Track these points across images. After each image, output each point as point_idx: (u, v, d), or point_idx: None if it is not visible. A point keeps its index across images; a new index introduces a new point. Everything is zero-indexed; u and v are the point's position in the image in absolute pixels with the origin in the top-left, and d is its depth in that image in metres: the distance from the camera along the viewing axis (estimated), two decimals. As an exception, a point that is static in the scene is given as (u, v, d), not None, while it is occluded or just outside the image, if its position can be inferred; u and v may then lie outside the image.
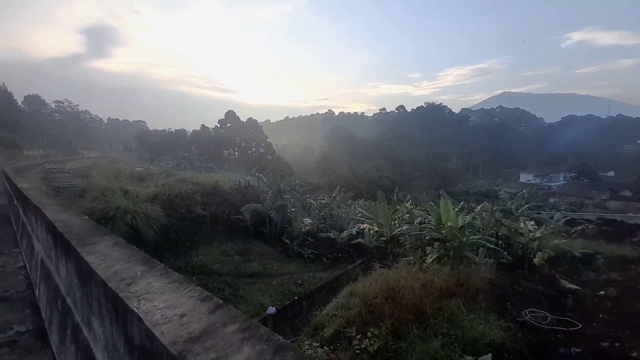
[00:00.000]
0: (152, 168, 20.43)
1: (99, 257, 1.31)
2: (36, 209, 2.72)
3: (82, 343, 1.41)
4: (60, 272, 1.86)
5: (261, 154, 46.62)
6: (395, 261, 9.53)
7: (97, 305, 1.20)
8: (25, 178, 8.67)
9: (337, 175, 49.17)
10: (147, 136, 54.89)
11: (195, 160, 29.86)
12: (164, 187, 14.57)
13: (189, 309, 0.86)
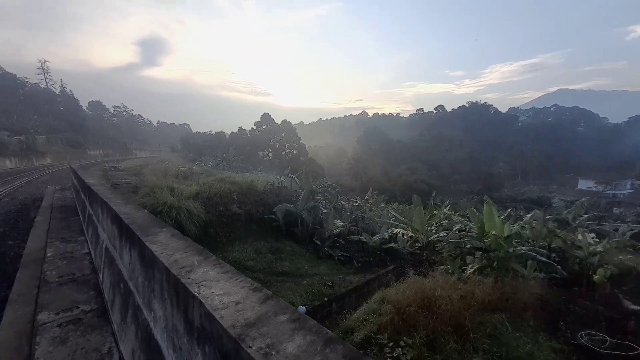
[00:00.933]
0: (194, 168, 22.06)
1: (161, 246, 1.47)
2: (103, 202, 3.12)
3: (142, 323, 1.59)
4: (124, 258, 2.12)
5: (294, 156, 47.69)
6: (431, 269, 9.12)
7: (158, 289, 1.35)
8: (90, 175, 9.92)
9: (369, 177, 48.43)
10: (191, 138, 59.37)
11: (232, 160, 31.57)
12: (205, 186, 15.64)
13: (242, 298, 0.94)
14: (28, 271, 4.28)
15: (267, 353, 0.64)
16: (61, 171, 29.62)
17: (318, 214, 15.48)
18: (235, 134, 53.23)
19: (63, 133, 54.43)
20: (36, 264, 4.51)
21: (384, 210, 19.67)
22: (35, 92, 59.59)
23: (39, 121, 51.86)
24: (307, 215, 14.90)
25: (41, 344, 2.62)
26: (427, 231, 11.54)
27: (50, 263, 4.51)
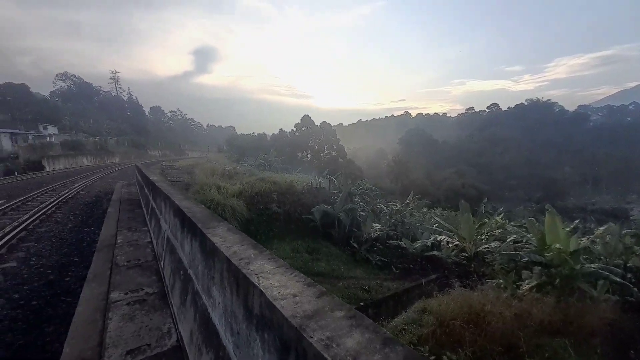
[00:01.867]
0: (238, 167, 23.52)
1: (220, 239, 1.63)
2: (166, 197, 3.52)
3: (201, 308, 1.77)
4: (184, 248, 2.37)
5: (332, 157, 47.95)
6: (480, 282, 8.48)
7: (218, 278, 1.50)
8: (152, 173, 11.17)
9: (411, 180, 46.55)
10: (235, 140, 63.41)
11: (273, 161, 32.93)
12: (247, 185, 16.56)
13: (298, 291, 1.00)
14: (102, 255, 4.98)
15: (327, 345, 0.68)
16: (127, 169, 33.90)
17: (356, 217, 15.35)
18: (276, 136, 55.43)
19: (129, 135, 62.22)
20: (109, 249, 5.22)
21: (426, 215, 18.74)
22: (107, 99, 69.02)
23: (110, 125, 59.90)
24: (345, 217, 14.87)
25: (113, 319, 3.04)
26: (476, 240, 10.71)
27: (120, 249, 5.20)
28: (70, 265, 5.72)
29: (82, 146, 42.66)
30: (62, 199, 12.54)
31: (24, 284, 4.89)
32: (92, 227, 8.37)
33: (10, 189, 16.75)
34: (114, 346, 2.57)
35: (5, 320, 3.84)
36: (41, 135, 41.98)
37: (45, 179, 22.21)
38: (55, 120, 49.07)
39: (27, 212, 10.01)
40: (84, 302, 3.36)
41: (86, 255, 6.22)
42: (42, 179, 21.68)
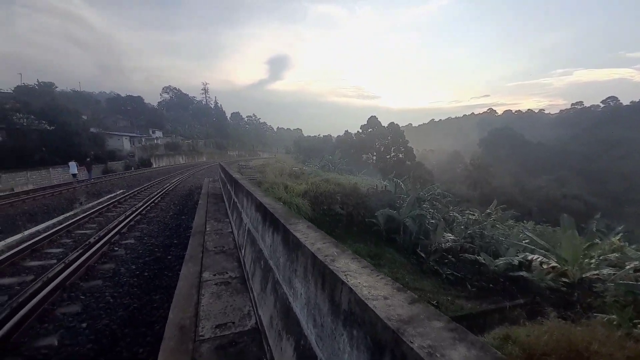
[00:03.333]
0: (304, 168, 24.74)
1: (302, 234, 1.76)
2: (248, 193, 3.96)
3: (281, 296, 1.94)
4: (266, 240, 2.63)
5: (399, 159, 45.96)
6: (585, 315, 6.96)
7: (302, 271, 1.62)
8: (233, 171, 12.66)
9: (493, 187, 41.08)
10: (302, 141, 66.90)
11: (337, 163, 33.50)
12: (312, 186, 17.26)
13: (388, 294, 1.01)
14: (195, 240, 5.86)
15: (431, 353, 0.66)
16: (212, 167, 39.23)
17: (424, 224, 14.39)
18: (341, 138, 56.17)
19: (214, 138, 71.96)
20: (200, 235, 6.12)
21: (513, 229, 16.25)
22: (199, 107, 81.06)
23: (200, 129, 70.16)
24: (412, 223, 14.08)
25: (205, 295, 3.55)
26: (581, 264, 8.79)
27: (209, 236, 6.04)
28: (171, 246, 6.92)
29: (179, 147, 51.37)
30: (164, 190, 15.29)
31: (139, 258, 6.13)
32: (186, 215, 9.95)
33: (129, 180, 21.33)
34: (206, 319, 3.01)
35: (126, 286, 4.88)
36: (150, 138, 52.13)
37: (153, 173, 27.52)
38: (160, 126, 60.16)
39: (141, 200, 12.52)
40: (183, 278, 4.02)
41: (182, 238, 7.43)
42: (150, 174, 26.94)
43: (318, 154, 46.73)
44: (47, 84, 52.35)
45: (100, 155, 31.31)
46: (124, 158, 34.69)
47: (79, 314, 3.95)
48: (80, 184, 18.01)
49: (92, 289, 4.65)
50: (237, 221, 5.47)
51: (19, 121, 26.89)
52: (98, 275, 5.17)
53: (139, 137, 48.37)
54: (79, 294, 4.50)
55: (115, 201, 11.91)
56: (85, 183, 18.78)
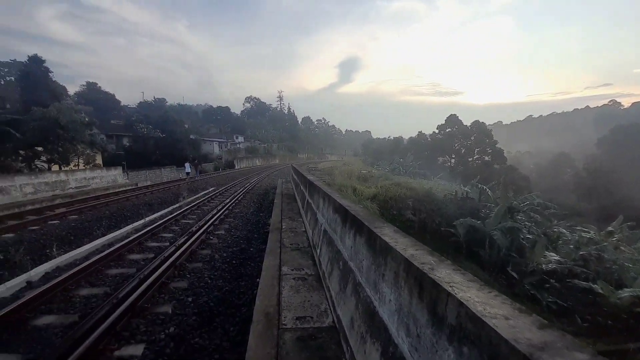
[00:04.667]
0: (373, 171, 24.30)
1: (391, 239, 1.75)
2: (325, 194, 4.13)
3: (365, 299, 1.96)
4: (345, 242, 2.71)
5: (485, 163, 40.67)
6: None
7: (391, 276, 1.61)
8: (306, 173, 13.36)
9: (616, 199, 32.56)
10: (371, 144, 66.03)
11: (409, 166, 31.82)
12: (382, 189, 16.80)
13: (509, 314, 0.92)
14: (273, 236, 6.40)
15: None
16: (284, 169, 42.24)
17: (518, 239, 12.36)
18: (414, 139, 53.11)
19: (286, 142, 77.48)
20: (277, 232, 6.65)
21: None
22: (274, 114, 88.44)
23: (274, 134, 76.34)
24: (501, 237, 12.28)
25: (285, 288, 3.83)
26: None
27: (285, 233, 6.51)
28: (252, 239, 7.72)
29: (256, 151, 57.12)
30: (245, 189, 17.19)
31: (228, 247, 7.03)
32: (264, 213, 10.96)
33: (218, 179, 24.74)
34: (287, 309, 3.26)
35: (219, 271, 5.64)
36: (234, 143, 59.44)
37: (235, 174, 31.26)
38: (242, 132, 67.92)
39: (228, 197, 14.34)
40: (265, 269, 4.44)
41: (261, 233, 8.21)
42: (234, 174, 30.66)
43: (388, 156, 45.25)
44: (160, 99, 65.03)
45: (194, 158, 37.35)
46: (214, 160, 40.50)
47: (186, 290, 4.77)
48: (190, 179, 23.10)
49: (194, 270, 5.56)
50: (312, 221, 5.74)
51: (141, 130, 34.33)
52: (199, 259, 6.16)
53: (225, 142, 55.75)
54: (185, 273, 5.44)
55: (208, 197, 13.97)
56: (192, 179, 23.65)
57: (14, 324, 3.69)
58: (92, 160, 22.25)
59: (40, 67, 31.07)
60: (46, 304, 4.21)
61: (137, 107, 53.31)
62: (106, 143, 28.22)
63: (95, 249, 6.77)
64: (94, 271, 5.31)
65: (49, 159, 18.28)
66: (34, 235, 7.98)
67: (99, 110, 44.39)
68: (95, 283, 5.00)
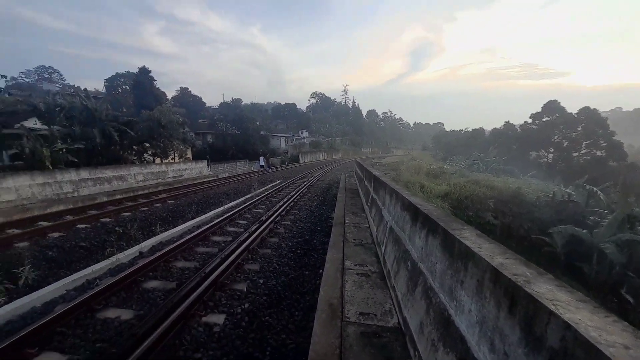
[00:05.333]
0: (445, 167, 22.38)
1: (473, 243, 1.60)
2: (393, 191, 4.00)
3: (437, 305, 1.85)
4: (415, 242, 2.59)
5: (596, 159, 33.10)
6: None
7: (472, 284, 1.48)
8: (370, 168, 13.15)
9: None
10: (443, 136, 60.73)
11: (491, 161, 28.17)
12: (455, 187, 15.36)
13: (630, 343, 0.75)
14: (337, 229, 6.51)
15: None
16: (346, 163, 42.41)
17: (638, 255, 9.82)
18: (498, 131, 46.62)
19: (349, 136, 77.38)
20: (340, 226, 6.75)
21: None
22: (338, 108, 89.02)
23: (338, 128, 76.96)
24: (615, 251, 9.95)
25: (348, 282, 3.88)
26: None
27: (348, 228, 6.57)
28: (315, 232, 8.02)
29: (320, 145, 58.69)
30: (309, 183, 17.88)
31: (293, 237, 7.47)
32: (327, 207, 11.24)
33: (284, 173, 26.36)
34: (350, 303, 3.31)
35: (285, 258, 6.05)
36: (299, 138, 62.24)
37: (300, 168, 32.78)
38: (307, 127, 70.52)
39: (293, 190, 15.16)
40: (329, 261, 4.57)
41: (324, 226, 8.46)
42: (298, 168, 32.20)
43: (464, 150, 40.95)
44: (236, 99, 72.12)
45: (265, 152, 40.51)
46: (280, 155, 43.27)
47: (258, 272, 5.28)
48: (262, 172, 26.37)
49: (265, 255, 6.10)
50: (376, 217, 5.65)
51: (221, 128, 38.87)
52: (268, 245, 6.72)
53: (291, 137, 58.89)
54: (257, 257, 6.01)
55: (275, 189, 15.04)
56: (263, 172, 26.54)
57: (129, 285, 4.68)
58: (184, 155, 26.22)
59: (147, 77, 38.03)
60: (152, 271, 5.20)
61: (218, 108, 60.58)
62: (195, 140, 32.93)
63: (187, 229, 8.02)
64: (186, 248, 6.31)
65: (153, 153, 22.28)
66: (144, 215, 9.90)
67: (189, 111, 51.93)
68: (188, 258, 5.94)
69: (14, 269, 5.62)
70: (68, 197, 12.49)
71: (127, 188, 15.37)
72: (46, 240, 7.17)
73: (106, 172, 15.05)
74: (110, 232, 8.07)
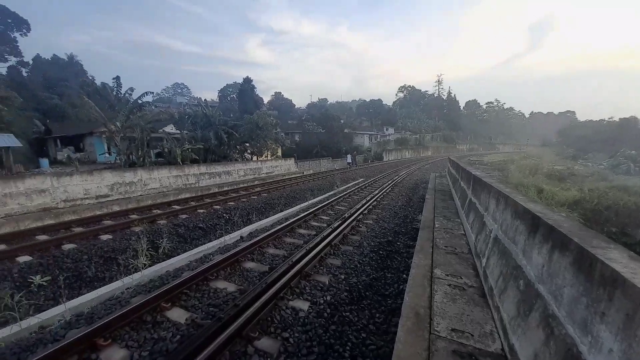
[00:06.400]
0: (575, 167, 17.87)
1: (623, 267, 1.22)
2: (499, 194, 3.44)
3: (561, 337, 1.49)
4: (532, 258, 2.15)
5: None
6: None
7: (618, 318, 1.13)
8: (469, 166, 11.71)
9: None
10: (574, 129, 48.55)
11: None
12: (591, 194, 12.10)
13: None
14: (424, 234, 6.06)
15: None
16: (437, 162, 38.91)
17: None
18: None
19: (442, 131, 70.55)
20: (428, 231, 6.25)
21: None
22: (430, 101, 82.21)
23: (428, 123, 71.19)
24: None
25: (438, 292, 3.56)
26: None
27: (438, 233, 6.02)
28: (399, 233, 7.68)
29: (406, 142, 55.55)
30: (394, 182, 17.20)
31: (375, 237, 7.34)
32: (412, 208, 10.60)
33: (367, 171, 26.13)
34: (440, 316, 3.03)
35: (367, 257, 5.99)
36: (383, 135, 60.44)
37: (384, 166, 31.86)
38: (393, 123, 67.85)
39: (376, 189, 14.88)
40: (415, 267, 4.30)
41: (409, 229, 8.00)
42: (382, 167, 31.36)
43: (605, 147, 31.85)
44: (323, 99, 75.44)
45: (352, 150, 41.06)
46: (363, 152, 43.03)
47: (339, 267, 5.42)
48: (348, 168, 28.49)
49: (346, 252, 6.22)
50: (476, 224, 4.99)
51: (307, 127, 41.39)
52: (349, 243, 6.82)
53: (375, 134, 57.78)
54: (339, 252, 6.18)
55: (358, 187, 15.09)
56: (348, 169, 27.92)
57: (233, 263, 5.50)
58: (275, 153, 29.12)
59: (249, 85, 43.92)
60: (250, 254, 5.98)
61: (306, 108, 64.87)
62: (284, 139, 36.23)
63: (277, 220, 8.90)
64: (276, 237, 7.00)
65: (251, 151, 25.57)
66: (243, 204, 11.48)
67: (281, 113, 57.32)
68: (278, 246, 6.59)
69: (156, 240, 7.39)
70: (192, 187, 15.61)
71: (232, 182, 18.12)
72: (177, 220, 9.15)
73: (217, 168, 18.11)
74: (219, 217, 9.69)
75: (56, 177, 10.51)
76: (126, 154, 16.98)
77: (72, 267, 6.04)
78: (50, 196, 10.18)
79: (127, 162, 16.78)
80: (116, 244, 7.08)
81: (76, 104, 28.92)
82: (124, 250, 6.82)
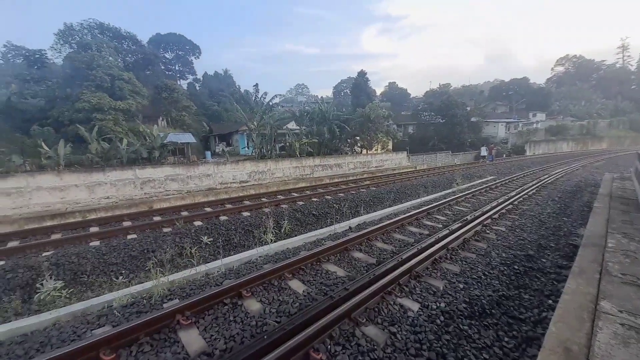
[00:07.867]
0: None
1: None
2: None
3: None
4: None
5: None
6: None
7: None
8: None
9: None
10: None
11: None
12: None
13: None
14: (587, 252, 4.64)
15: None
16: (617, 158, 28.70)
17: None
18: None
19: (627, 115, 51.28)
20: (596, 250, 4.74)
21: None
22: (608, 75, 61.14)
23: (605, 104, 53.19)
24: None
25: (602, 331, 2.70)
26: None
27: (611, 255, 4.50)
28: (546, 248, 6.16)
29: (565, 131, 43.24)
30: (541, 183, 13.83)
31: (509, 248, 6.15)
32: (570, 218, 8.28)
33: (501, 166, 21.97)
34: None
35: (495, 270, 5.11)
36: (529, 123, 49.02)
37: (526, 162, 25.94)
38: (544, 107, 54.28)
39: (513, 190, 12.39)
40: (570, 292, 3.39)
41: (561, 245, 6.30)
42: (523, 162, 25.59)
43: None
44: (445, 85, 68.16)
45: (475, 142, 35.57)
46: (497, 144, 36.33)
47: (457, 275, 4.88)
48: (485, 162, 26.44)
49: (467, 259, 5.52)
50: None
51: (424, 118, 38.36)
52: (472, 249, 6.01)
53: (516, 122, 47.67)
54: (457, 258, 5.55)
55: (486, 186, 12.96)
56: (486, 163, 25.83)
57: (342, 250, 5.83)
58: (386, 146, 28.52)
59: (363, 78, 44.48)
60: (358, 244, 6.18)
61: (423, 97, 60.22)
62: (396, 131, 34.96)
63: (385, 215, 8.80)
64: (385, 232, 6.94)
65: (361, 145, 26.03)
66: (352, 197, 11.89)
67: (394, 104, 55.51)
68: (386, 241, 6.54)
69: (280, 221, 8.66)
70: (307, 177, 17.40)
71: (342, 174, 19.06)
72: (295, 206, 10.42)
73: (329, 160, 19.44)
74: (330, 207, 10.43)
75: (216, 165, 14.08)
76: (259, 148, 20.54)
77: (225, 234, 7.97)
78: (213, 180, 13.79)
79: (259, 155, 20.28)
80: (252, 220, 8.76)
81: (228, 108, 37.63)
82: (258, 226, 8.36)
